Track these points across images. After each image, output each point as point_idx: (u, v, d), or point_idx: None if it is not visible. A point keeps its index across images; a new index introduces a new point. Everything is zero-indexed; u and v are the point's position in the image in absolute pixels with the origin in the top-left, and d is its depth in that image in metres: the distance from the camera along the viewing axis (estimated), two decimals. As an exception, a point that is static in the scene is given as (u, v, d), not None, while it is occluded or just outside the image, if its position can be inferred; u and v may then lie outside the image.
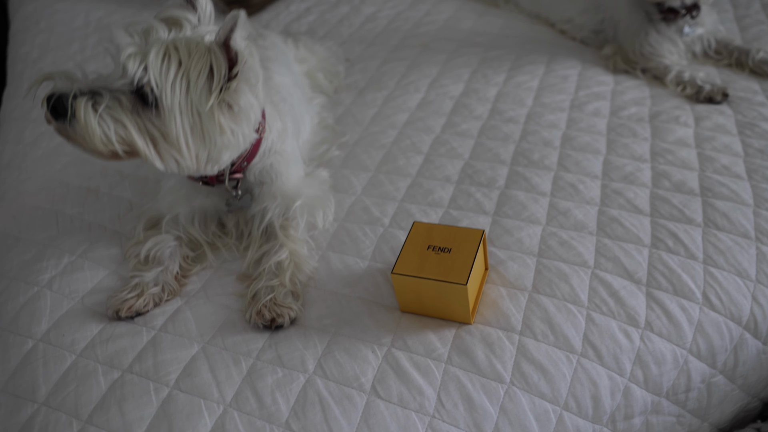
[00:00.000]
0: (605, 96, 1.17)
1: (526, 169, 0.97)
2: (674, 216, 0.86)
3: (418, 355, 0.69)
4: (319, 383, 0.67)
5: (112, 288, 0.83)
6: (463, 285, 0.67)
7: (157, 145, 0.74)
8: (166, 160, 0.74)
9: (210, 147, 0.76)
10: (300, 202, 0.88)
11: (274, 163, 0.89)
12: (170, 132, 0.72)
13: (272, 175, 0.89)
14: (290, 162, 0.92)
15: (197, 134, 0.74)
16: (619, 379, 0.69)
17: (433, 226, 0.76)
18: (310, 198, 0.90)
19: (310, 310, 0.77)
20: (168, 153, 0.74)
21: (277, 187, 0.89)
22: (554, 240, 0.83)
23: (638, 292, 0.75)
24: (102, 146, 0.71)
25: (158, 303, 0.80)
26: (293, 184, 0.91)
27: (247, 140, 0.80)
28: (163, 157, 0.74)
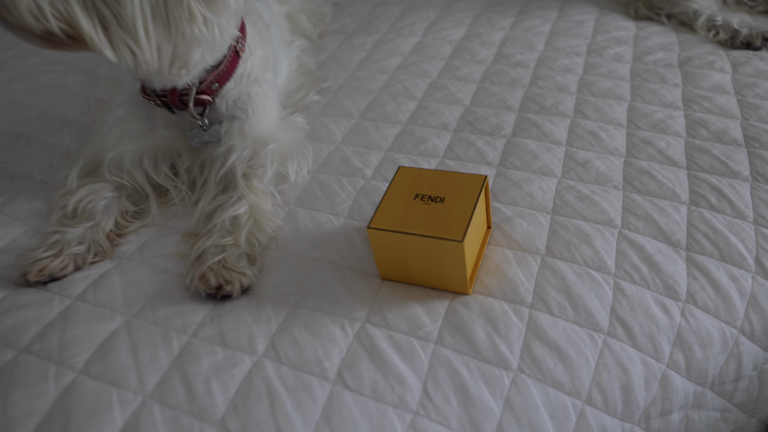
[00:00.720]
0: (627, 41, 1.01)
1: (537, 116, 0.81)
2: (716, 169, 0.70)
3: (400, 333, 0.54)
4: (270, 368, 0.52)
5: (26, 247, 0.67)
6: (458, 242, 0.52)
7: (108, 29, 0.56)
8: (118, 48, 0.57)
9: (176, 39, 0.59)
10: (273, 147, 0.72)
11: (252, 94, 0.73)
12: (125, 11, 0.55)
13: (248, 108, 0.73)
14: (269, 97, 0.76)
15: (160, 18, 0.57)
16: (655, 365, 0.54)
17: (423, 171, 0.60)
18: (285, 145, 0.74)
19: (268, 277, 0.62)
20: (121, 40, 0.57)
21: (250, 126, 0.73)
22: (572, 194, 0.67)
23: (677, 257, 0.60)
24: (32, 20, 0.54)
25: (81, 266, 0.64)
26: (268, 125, 0.75)
27: (225, 37, 0.64)
28: (114, 44, 0.57)
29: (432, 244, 0.53)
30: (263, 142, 0.73)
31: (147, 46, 0.58)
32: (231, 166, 0.71)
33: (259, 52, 0.73)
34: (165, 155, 0.74)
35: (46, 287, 0.62)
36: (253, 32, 0.73)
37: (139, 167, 0.73)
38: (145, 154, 0.73)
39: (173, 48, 0.60)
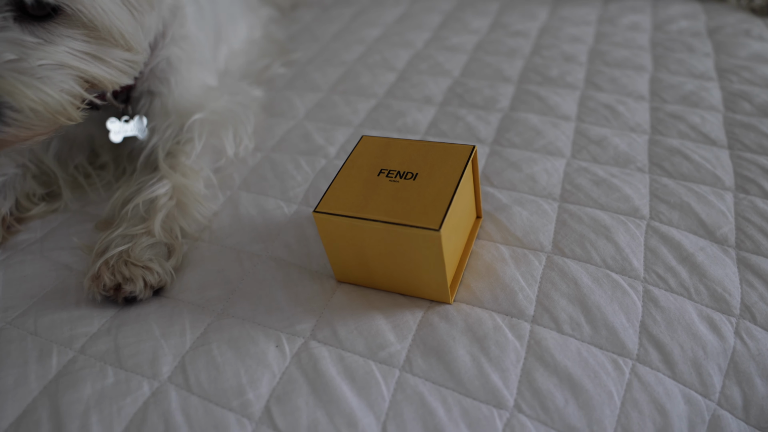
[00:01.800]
0: (643, 9, 0.88)
1: (541, 88, 0.67)
2: (766, 148, 0.57)
3: (355, 355, 0.40)
4: (173, 399, 0.37)
5: None
6: (434, 231, 0.38)
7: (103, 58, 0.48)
8: (123, 69, 0.50)
9: (142, 24, 0.50)
10: (199, 117, 0.59)
11: (172, 59, 0.60)
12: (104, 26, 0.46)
13: (170, 77, 0.60)
14: (194, 61, 0.62)
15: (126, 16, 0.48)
16: (702, 403, 0.40)
17: (392, 140, 0.46)
18: (217, 113, 0.61)
19: (191, 276, 0.47)
20: (118, 59, 0.49)
21: (174, 99, 0.60)
22: (585, 177, 0.53)
23: (725, 258, 0.46)
24: (58, 111, 0.45)
25: None
26: (195, 94, 0.61)
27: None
28: (117, 67, 0.49)
29: (399, 233, 0.39)
30: (189, 113, 0.59)
31: (133, 47, 0.49)
32: (152, 148, 0.57)
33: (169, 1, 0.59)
34: (82, 142, 0.61)
35: None
36: None
37: (46, 153, 0.59)
38: (55, 139, 0.59)
39: (143, 35, 0.51)
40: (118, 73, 0.50)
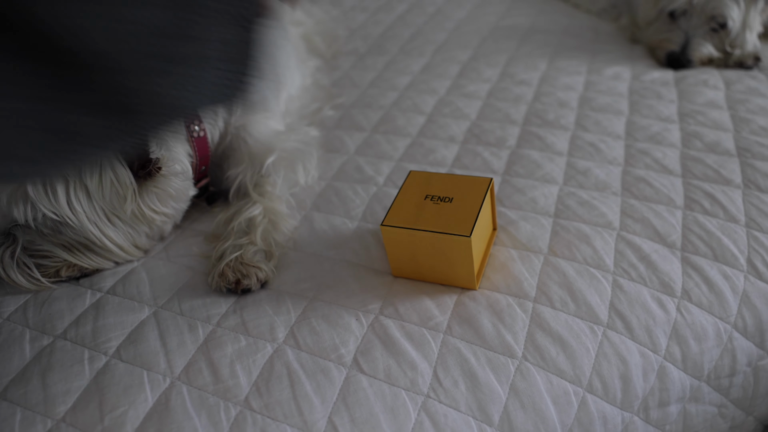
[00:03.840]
0: (625, 61, 1.06)
1: (540, 129, 0.86)
2: (709, 176, 0.74)
3: (412, 324, 0.58)
4: (290, 354, 0.55)
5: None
6: (466, 237, 0.56)
7: (91, 251, 0.65)
8: (112, 257, 0.67)
9: (149, 226, 0.68)
10: (273, 158, 0.77)
11: (246, 126, 0.78)
12: (94, 241, 0.64)
13: (245, 137, 0.78)
14: (263, 114, 0.81)
15: (123, 231, 0.65)
16: (653, 357, 0.57)
17: (432, 174, 0.64)
18: (287, 152, 0.79)
19: (287, 274, 0.65)
20: (107, 255, 0.66)
21: (250, 149, 0.78)
22: (573, 200, 0.71)
23: (672, 257, 0.64)
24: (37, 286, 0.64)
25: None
26: (264, 141, 0.79)
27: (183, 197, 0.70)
28: (105, 258, 0.66)
29: (441, 239, 0.57)
30: (263, 156, 0.77)
31: (126, 252, 0.67)
32: (240, 183, 0.76)
33: None
34: None
35: (78, 282, 0.66)
36: None
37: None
38: None
39: (147, 231, 0.68)
40: (103, 261, 0.66)
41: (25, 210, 0.59)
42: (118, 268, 0.68)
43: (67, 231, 0.62)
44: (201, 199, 0.77)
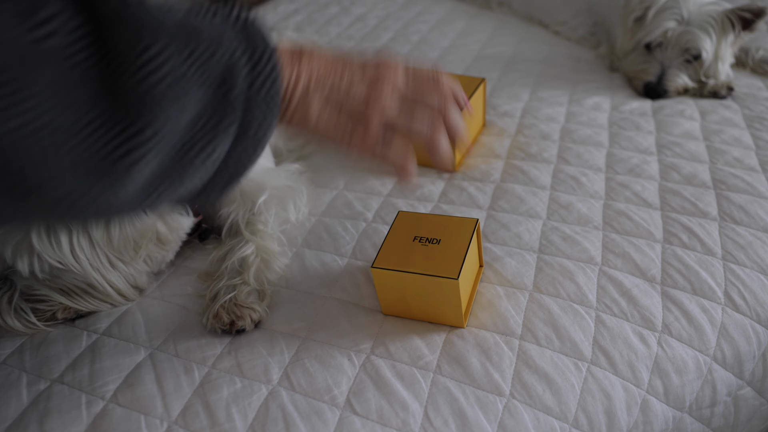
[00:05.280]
0: (604, 91, 1.10)
1: (524, 162, 0.89)
2: (687, 209, 0.77)
3: (402, 364, 0.59)
4: (284, 396, 0.57)
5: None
6: (454, 279, 0.58)
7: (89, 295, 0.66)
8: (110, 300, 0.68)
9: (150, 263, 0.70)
10: (265, 197, 0.79)
11: None
12: (95, 286, 0.65)
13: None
14: None
15: (125, 274, 0.67)
16: (635, 391, 0.59)
17: (421, 215, 0.67)
18: (278, 189, 0.81)
19: (279, 312, 0.67)
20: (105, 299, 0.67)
21: (241, 188, 0.79)
22: (556, 235, 0.74)
23: (653, 291, 0.66)
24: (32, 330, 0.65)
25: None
26: (255, 179, 0.81)
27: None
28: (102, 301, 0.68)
29: (430, 281, 0.59)
30: (254, 194, 0.79)
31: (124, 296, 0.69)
32: (232, 222, 0.77)
33: None
34: None
35: (74, 323, 0.67)
36: None
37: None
38: None
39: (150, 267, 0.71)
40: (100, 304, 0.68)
41: (30, 261, 0.60)
42: (112, 309, 0.69)
43: (66, 276, 0.63)
44: (193, 236, 0.79)
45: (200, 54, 0.37)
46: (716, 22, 1.05)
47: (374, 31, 1.49)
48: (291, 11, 1.67)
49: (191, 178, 0.39)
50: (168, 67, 0.35)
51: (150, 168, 0.36)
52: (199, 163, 0.39)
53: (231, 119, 0.39)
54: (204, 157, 0.39)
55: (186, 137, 0.38)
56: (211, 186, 0.42)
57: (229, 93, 0.39)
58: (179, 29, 0.37)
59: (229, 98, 0.39)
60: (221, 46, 0.38)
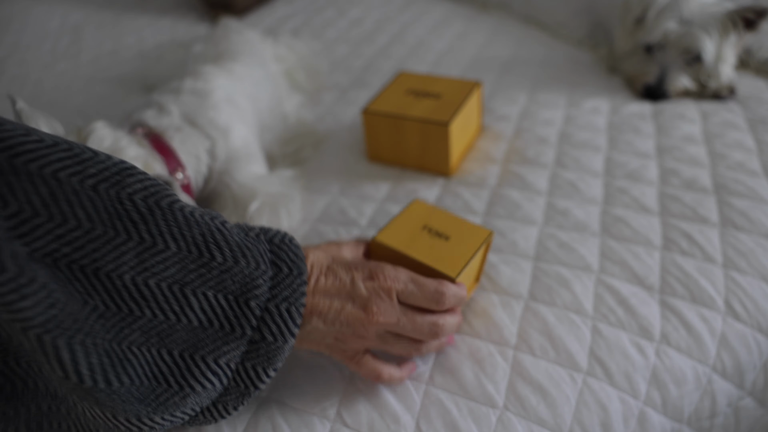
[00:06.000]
0: (603, 94, 1.09)
1: (521, 167, 0.87)
2: (686, 215, 0.76)
3: (394, 374, 0.58)
4: (274, 409, 0.55)
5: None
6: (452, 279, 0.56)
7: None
8: None
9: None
10: (257, 204, 0.78)
11: (230, 171, 0.79)
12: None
13: (229, 182, 0.79)
14: (246, 158, 0.82)
15: None
16: (632, 403, 0.58)
17: (435, 209, 0.64)
18: (271, 196, 0.80)
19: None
20: None
21: (233, 194, 0.79)
22: (553, 242, 0.72)
23: (651, 300, 0.65)
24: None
25: None
26: (247, 185, 0.80)
27: None
28: None
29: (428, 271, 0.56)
30: (246, 201, 0.78)
31: None
32: None
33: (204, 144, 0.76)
34: None
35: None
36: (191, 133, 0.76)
37: None
38: None
39: None
40: None
41: None
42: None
43: None
44: None
45: (216, 266, 0.42)
46: (718, 23, 1.04)
47: (371, 35, 1.48)
48: (288, 14, 1.66)
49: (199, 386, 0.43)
50: (171, 272, 0.40)
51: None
52: (208, 364, 0.43)
53: (244, 328, 0.44)
54: (213, 360, 0.43)
55: (193, 338, 0.42)
56: (223, 400, 0.46)
57: (247, 303, 0.43)
58: (201, 242, 0.42)
59: (244, 309, 0.43)
60: (241, 262, 0.43)
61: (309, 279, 0.49)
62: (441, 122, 0.82)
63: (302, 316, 0.46)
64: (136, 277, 0.38)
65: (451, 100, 0.87)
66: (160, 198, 0.40)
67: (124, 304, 0.38)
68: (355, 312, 0.49)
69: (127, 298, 0.38)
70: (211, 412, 0.47)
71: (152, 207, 0.39)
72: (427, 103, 0.87)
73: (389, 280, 0.51)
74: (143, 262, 0.39)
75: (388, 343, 0.53)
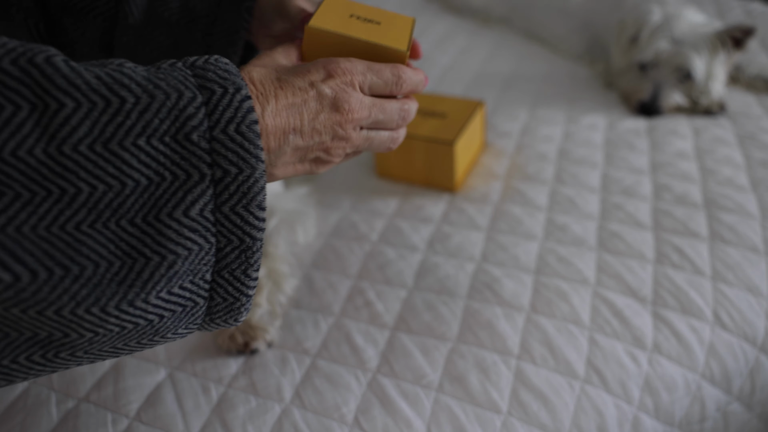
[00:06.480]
0: (600, 109, 1.14)
1: (522, 183, 0.92)
2: (678, 230, 0.81)
3: (406, 382, 0.63)
4: (296, 414, 0.60)
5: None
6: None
7: None
8: None
9: None
10: (275, 221, 0.83)
11: None
12: None
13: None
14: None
15: None
16: (626, 408, 0.63)
17: (351, 2, 0.56)
18: (288, 213, 0.85)
19: (290, 333, 0.71)
20: None
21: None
22: (552, 256, 0.77)
23: (643, 311, 0.70)
24: None
25: None
26: (268, 202, 0.85)
27: None
28: None
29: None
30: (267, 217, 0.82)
31: None
32: None
33: None
34: None
35: (96, 345, 0.71)
36: None
37: None
38: None
39: None
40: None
41: None
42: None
43: None
44: None
45: (130, 108, 0.35)
46: (707, 42, 1.09)
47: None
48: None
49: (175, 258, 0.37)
50: (84, 130, 0.34)
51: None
52: (175, 225, 0.36)
53: (199, 168, 0.37)
54: (182, 214, 0.37)
55: (149, 199, 0.36)
56: (227, 264, 0.40)
57: (188, 137, 0.37)
58: (99, 86, 0.34)
59: (188, 145, 0.37)
60: (157, 95, 0.36)
61: (266, 100, 0.42)
62: (446, 141, 0.87)
63: (258, 134, 0.39)
64: (47, 149, 0.33)
65: (456, 119, 0.92)
66: (33, 56, 0.33)
67: (51, 183, 0.33)
68: (329, 115, 0.44)
69: (50, 175, 0.33)
70: (222, 286, 0.40)
71: (26, 68, 0.33)
72: (433, 123, 0.92)
73: (348, 73, 0.45)
74: (46, 129, 0.33)
75: (368, 139, 0.48)
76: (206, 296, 0.40)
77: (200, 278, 0.39)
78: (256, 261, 0.41)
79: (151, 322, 0.37)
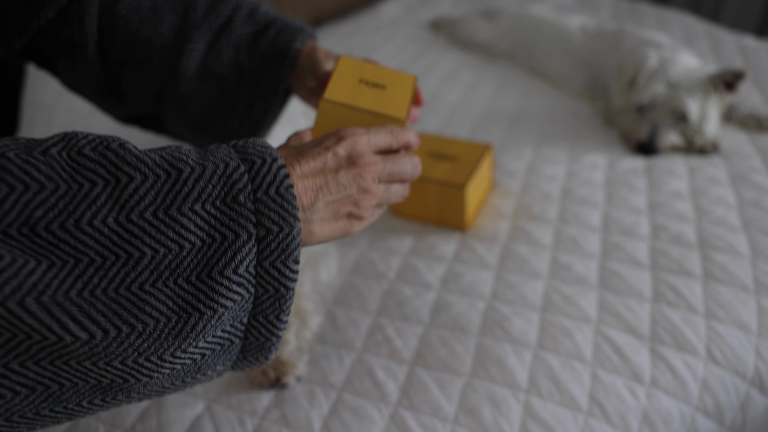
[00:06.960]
0: (601, 148, 1.21)
1: (527, 223, 0.99)
2: (673, 269, 0.87)
3: (425, 415, 0.69)
4: (326, 445, 0.67)
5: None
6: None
7: None
8: None
9: None
10: (302, 262, 0.89)
11: None
12: None
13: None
14: None
15: None
16: (626, 439, 0.69)
17: (362, 62, 0.64)
18: (311, 253, 0.91)
19: (317, 367, 0.77)
20: None
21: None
22: (557, 295, 0.84)
23: (642, 348, 0.76)
24: None
25: None
26: None
27: None
28: None
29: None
30: None
31: None
32: None
33: None
34: None
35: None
36: None
37: None
38: None
39: None
40: None
41: None
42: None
43: None
44: None
45: (186, 177, 0.41)
46: (701, 86, 1.16)
47: (388, 85, 1.61)
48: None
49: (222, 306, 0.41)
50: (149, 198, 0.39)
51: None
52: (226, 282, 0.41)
53: (246, 228, 0.42)
54: (232, 271, 0.41)
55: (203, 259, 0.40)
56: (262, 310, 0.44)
57: (236, 199, 0.42)
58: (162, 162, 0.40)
59: (236, 207, 0.42)
60: (208, 165, 0.42)
61: (292, 168, 0.47)
62: (458, 185, 0.94)
63: (295, 196, 0.44)
64: (118, 217, 0.38)
65: (466, 162, 0.99)
66: (109, 143, 0.39)
67: (120, 248, 0.38)
68: (349, 169, 0.49)
69: (119, 241, 0.38)
70: (256, 328, 0.45)
71: (103, 152, 0.39)
72: (445, 166, 0.99)
73: (354, 134, 0.51)
74: (117, 200, 0.38)
75: (387, 191, 0.54)
76: (242, 336, 0.45)
77: (239, 322, 0.44)
78: (287, 307, 0.46)
79: (195, 361, 0.43)
